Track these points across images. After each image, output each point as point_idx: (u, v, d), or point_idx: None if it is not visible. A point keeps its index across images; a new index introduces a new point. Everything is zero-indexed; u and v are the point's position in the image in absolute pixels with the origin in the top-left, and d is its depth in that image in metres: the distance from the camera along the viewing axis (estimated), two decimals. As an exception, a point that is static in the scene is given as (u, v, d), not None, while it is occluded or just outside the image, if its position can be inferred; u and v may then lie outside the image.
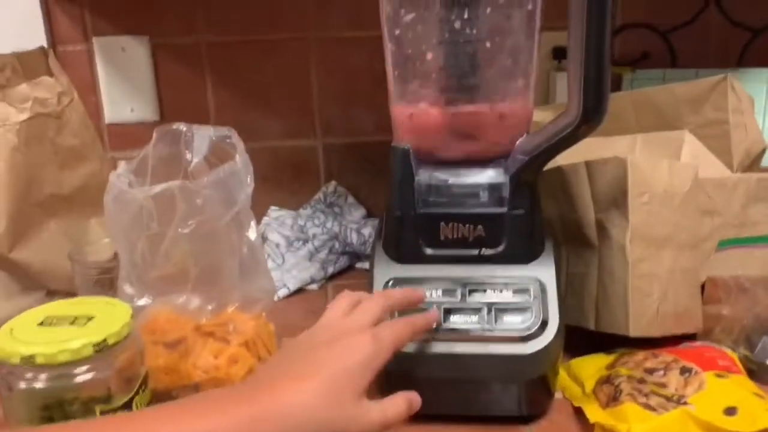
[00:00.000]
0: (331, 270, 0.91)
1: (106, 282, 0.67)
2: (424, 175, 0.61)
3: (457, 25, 0.57)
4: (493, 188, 0.60)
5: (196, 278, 0.55)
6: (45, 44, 0.97)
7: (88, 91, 0.99)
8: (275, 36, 1.00)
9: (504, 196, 0.60)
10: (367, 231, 0.93)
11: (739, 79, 0.92)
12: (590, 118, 0.53)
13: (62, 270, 0.72)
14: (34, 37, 0.97)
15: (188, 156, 0.62)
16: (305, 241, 0.94)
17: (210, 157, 0.61)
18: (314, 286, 0.88)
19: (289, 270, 0.89)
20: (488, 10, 0.56)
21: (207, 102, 1.02)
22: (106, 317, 0.49)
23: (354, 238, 0.92)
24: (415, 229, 0.61)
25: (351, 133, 1.05)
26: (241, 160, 0.55)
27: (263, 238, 0.95)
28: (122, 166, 0.57)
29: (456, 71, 0.59)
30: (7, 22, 0.96)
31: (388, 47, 0.59)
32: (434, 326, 0.56)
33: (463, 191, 0.61)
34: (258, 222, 0.98)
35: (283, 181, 1.06)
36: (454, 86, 0.59)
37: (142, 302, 0.57)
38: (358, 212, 1.04)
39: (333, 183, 1.05)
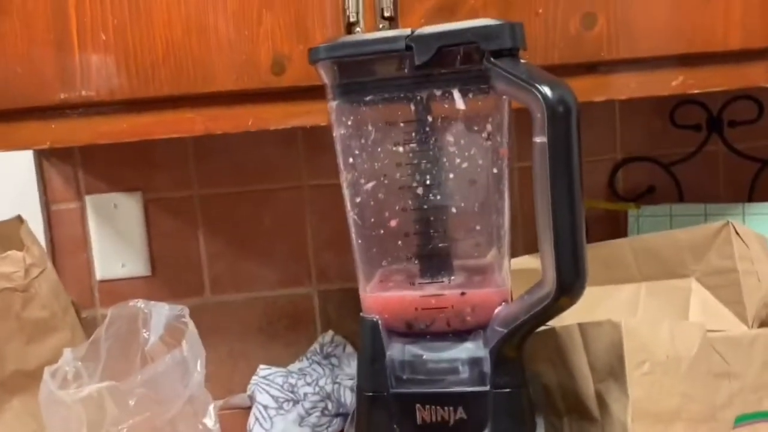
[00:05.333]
0: (322, 436, 0.84)
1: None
2: (396, 350, 0.56)
3: (420, 191, 0.53)
4: (472, 363, 0.55)
5: (134, 486, 0.49)
6: (39, 204, 0.98)
7: (80, 248, 0.98)
8: (268, 186, 0.99)
9: (485, 371, 0.54)
10: (363, 388, 0.87)
11: (750, 215, 0.87)
12: (567, 292, 0.48)
13: (21, 455, 0.66)
14: (29, 197, 0.97)
15: (145, 335, 0.58)
16: (295, 402, 0.88)
17: (166, 336, 0.57)
18: (302, 457, 0.81)
19: (276, 438, 0.82)
20: (451, 175, 0.53)
21: (199, 254, 1.00)
22: None
23: (348, 397, 0.86)
24: (388, 413, 0.55)
25: (347, 279, 1.00)
26: (188, 346, 0.51)
27: (251, 399, 0.89)
28: (66, 353, 0.53)
29: (422, 239, 0.55)
30: (3, 183, 0.97)
31: (351, 216, 0.56)
32: None
33: (440, 367, 0.55)
34: (248, 380, 0.94)
35: (278, 332, 1.01)
36: (421, 255, 0.55)
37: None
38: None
39: (330, 333, 1.00)
